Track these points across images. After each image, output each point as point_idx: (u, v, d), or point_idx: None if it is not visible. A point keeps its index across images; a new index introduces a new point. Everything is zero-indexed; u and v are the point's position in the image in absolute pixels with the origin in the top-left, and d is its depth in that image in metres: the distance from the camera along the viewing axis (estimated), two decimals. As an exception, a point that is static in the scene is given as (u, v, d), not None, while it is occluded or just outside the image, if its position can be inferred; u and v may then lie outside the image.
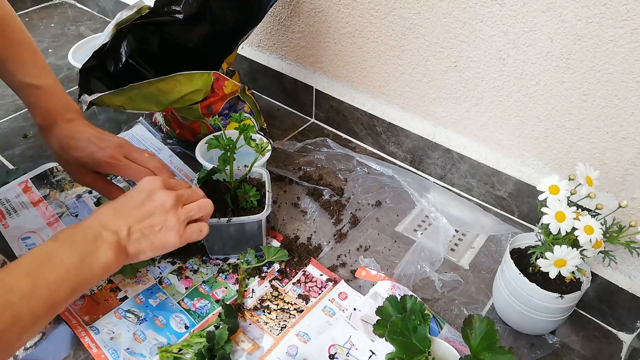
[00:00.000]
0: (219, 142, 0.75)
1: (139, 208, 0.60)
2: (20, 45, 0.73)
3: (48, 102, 0.73)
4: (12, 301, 0.45)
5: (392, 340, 0.58)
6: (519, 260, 0.73)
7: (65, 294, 0.50)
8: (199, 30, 0.98)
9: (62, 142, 0.72)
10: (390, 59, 0.95)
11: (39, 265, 0.49)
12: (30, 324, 0.47)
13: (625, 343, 0.75)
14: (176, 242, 0.62)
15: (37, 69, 0.74)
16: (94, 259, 0.53)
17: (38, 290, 0.47)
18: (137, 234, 0.58)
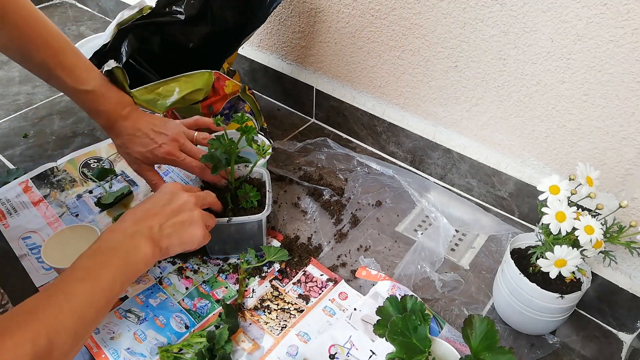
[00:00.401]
0: (220, 142, 0.75)
1: (166, 207, 0.66)
2: (64, 50, 0.75)
3: (103, 104, 0.77)
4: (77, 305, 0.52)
5: (393, 340, 0.58)
6: (519, 260, 0.73)
7: (117, 290, 0.57)
8: (200, 31, 0.98)
9: (125, 140, 0.79)
10: (390, 59, 0.95)
11: (93, 270, 0.55)
12: (94, 319, 0.54)
13: (626, 343, 0.75)
14: (202, 236, 0.67)
15: (85, 70, 0.76)
16: (136, 256, 0.59)
17: (95, 293, 0.54)
18: (168, 230, 0.64)
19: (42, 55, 0.73)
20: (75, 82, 0.75)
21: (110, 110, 0.77)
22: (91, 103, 0.77)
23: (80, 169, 1.01)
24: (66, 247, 0.75)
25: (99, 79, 0.77)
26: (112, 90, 0.78)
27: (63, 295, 0.51)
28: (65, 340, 0.49)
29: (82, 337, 0.52)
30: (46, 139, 1.10)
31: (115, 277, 0.56)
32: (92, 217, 0.91)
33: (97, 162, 1.03)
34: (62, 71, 0.74)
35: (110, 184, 0.98)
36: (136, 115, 0.79)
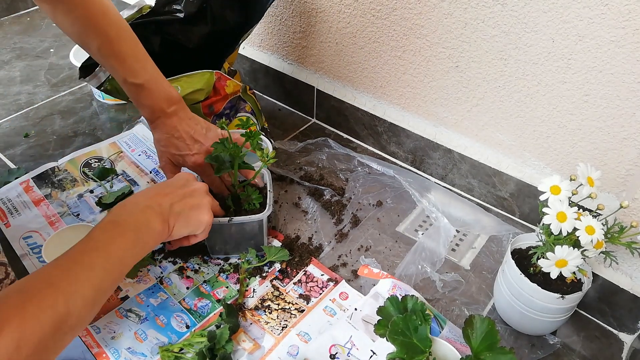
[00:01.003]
0: (224, 146, 0.75)
1: (179, 189, 0.67)
2: (119, 39, 0.74)
3: (150, 99, 0.77)
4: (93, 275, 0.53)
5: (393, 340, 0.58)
6: (520, 260, 0.73)
7: (129, 262, 0.58)
8: (200, 30, 0.98)
9: (162, 137, 0.80)
10: (391, 59, 0.95)
11: (107, 242, 0.57)
12: (109, 288, 0.56)
13: (627, 344, 0.75)
14: (207, 222, 0.68)
15: (137, 62, 0.76)
16: (148, 229, 0.61)
17: (110, 262, 0.55)
18: (177, 209, 0.64)
19: (98, 41, 0.74)
20: (126, 73, 0.75)
21: (155, 106, 0.77)
22: (137, 95, 0.77)
23: (81, 169, 1.01)
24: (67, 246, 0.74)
25: (151, 73, 0.77)
26: (161, 85, 0.78)
27: (79, 265, 0.53)
28: (82, 307, 0.50)
29: (98, 304, 0.54)
30: (47, 139, 1.10)
31: (127, 249, 0.57)
32: (93, 216, 0.91)
33: (98, 161, 1.03)
34: (115, 60, 0.75)
35: (111, 183, 0.98)
36: (180, 115, 0.79)
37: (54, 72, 1.33)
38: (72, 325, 0.50)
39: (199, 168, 0.80)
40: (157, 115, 0.78)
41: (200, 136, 0.79)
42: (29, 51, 1.42)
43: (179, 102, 0.79)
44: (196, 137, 0.79)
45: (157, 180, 0.99)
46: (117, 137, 1.09)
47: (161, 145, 0.80)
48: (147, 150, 1.06)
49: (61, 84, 1.28)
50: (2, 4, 1.58)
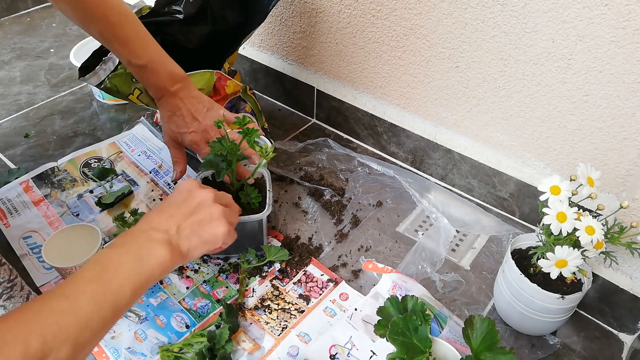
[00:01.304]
0: (222, 145, 0.75)
1: (182, 206, 0.61)
2: (121, 24, 0.76)
3: (154, 78, 0.79)
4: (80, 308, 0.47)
5: (393, 340, 0.58)
6: (520, 260, 0.73)
7: (128, 296, 0.51)
8: (200, 30, 0.98)
9: (165, 114, 0.82)
10: (391, 59, 0.95)
11: (101, 273, 0.51)
12: (100, 328, 0.49)
13: (627, 344, 0.75)
14: (223, 233, 0.62)
15: (139, 45, 0.77)
16: (150, 259, 0.54)
17: (103, 296, 0.49)
18: (186, 231, 0.59)
19: (99, 26, 0.75)
20: (129, 55, 0.77)
21: (159, 85, 0.79)
22: (142, 76, 0.79)
23: (81, 169, 1.01)
24: (67, 246, 0.75)
25: (154, 54, 0.79)
26: (165, 65, 0.79)
27: (66, 297, 0.47)
28: (62, 345, 0.44)
29: (84, 346, 0.47)
30: (47, 139, 1.10)
31: (125, 282, 0.51)
32: (92, 216, 0.91)
33: (98, 161, 1.03)
34: (117, 44, 0.76)
35: (111, 183, 0.98)
36: (183, 94, 0.81)
37: (54, 72, 1.33)
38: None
39: (195, 146, 0.81)
40: (162, 93, 0.80)
41: (199, 114, 0.80)
42: (29, 51, 1.42)
43: (184, 80, 0.81)
44: (196, 115, 0.80)
45: (157, 181, 0.99)
46: (117, 137, 1.09)
47: (164, 121, 0.82)
48: (147, 150, 1.06)
49: (61, 84, 1.28)
50: (2, 4, 1.58)
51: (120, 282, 0.51)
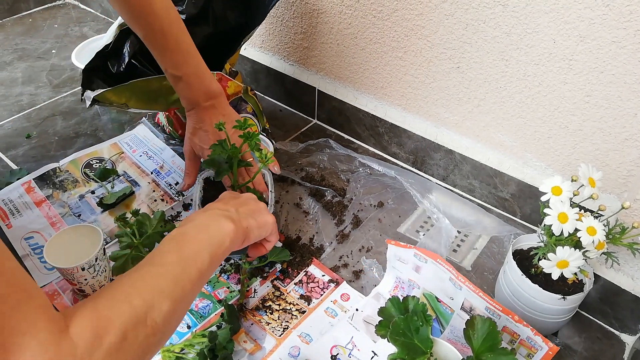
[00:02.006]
0: (223, 147, 0.75)
1: (233, 199, 0.67)
2: (164, 33, 0.76)
3: (188, 91, 0.80)
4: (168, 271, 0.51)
5: (394, 341, 0.58)
6: (522, 261, 0.73)
7: (207, 260, 0.55)
8: (201, 31, 0.98)
9: (191, 126, 0.82)
10: (392, 60, 0.95)
11: (179, 244, 0.55)
12: (189, 288, 0.52)
13: (628, 345, 0.75)
14: (272, 221, 0.68)
15: (179, 56, 0.78)
16: (220, 230, 0.59)
17: (185, 261, 0.53)
18: (244, 213, 0.64)
19: (142, 31, 0.76)
20: (167, 64, 0.78)
21: (192, 99, 0.80)
22: (177, 86, 0.80)
23: (83, 170, 1.01)
24: (68, 247, 0.75)
25: (191, 67, 0.79)
26: (202, 81, 0.80)
27: (154, 265, 0.51)
28: (162, 301, 0.47)
29: (180, 302, 0.50)
30: (49, 140, 1.10)
31: (202, 249, 0.55)
32: (94, 217, 0.91)
33: (99, 162, 1.03)
34: (157, 52, 0.77)
35: (113, 184, 0.98)
36: (215, 110, 0.81)
37: (56, 73, 1.33)
38: (155, 323, 0.46)
39: None
40: (193, 106, 0.81)
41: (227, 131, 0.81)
42: (31, 52, 1.42)
43: (218, 97, 0.81)
44: (221, 134, 0.80)
45: (159, 181, 0.99)
46: (119, 137, 1.09)
47: (189, 132, 0.83)
48: (148, 151, 1.06)
49: (63, 85, 1.28)
50: (4, 5, 1.58)
51: (197, 250, 0.55)
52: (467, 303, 0.69)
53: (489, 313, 0.67)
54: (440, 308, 0.72)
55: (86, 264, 0.72)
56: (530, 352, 0.65)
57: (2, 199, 0.94)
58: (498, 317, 0.66)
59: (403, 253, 0.75)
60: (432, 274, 0.72)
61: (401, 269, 0.77)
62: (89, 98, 0.85)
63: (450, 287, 0.70)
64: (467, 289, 0.68)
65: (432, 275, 0.72)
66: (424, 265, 0.73)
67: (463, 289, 0.68)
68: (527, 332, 0.64)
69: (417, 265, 0.74)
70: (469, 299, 0.68)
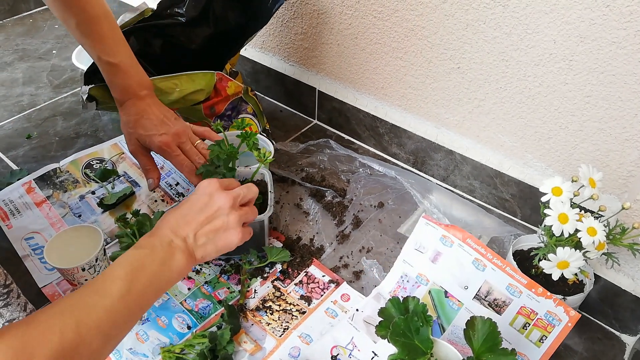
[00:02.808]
0: (221, 148, 0.75)
1: (201, 212, 0.62)
2: (99, 19, 0.76)
3: (123, 79, 0.79)
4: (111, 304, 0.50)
5: (395, 341, 0.58)
6: (522, 262, 0.73)
7: (151, 295, 0.55)
8: (202, 33, 0.98)
9: (132, 118, 0.80)
10: (393, 60, 0.95)
11: (130, 272, 0.54)
12: (127, 323, 0.52)
13: (629, 345, 0.75)
14: (237, 241, 0.64)
15: (114, 43, 0.78)
16: (171, 264, 0.58)
17: (131, 294, 0.52)
18: (202, 239, 0.61)
19: (77, 19, 0.76)
20: (102, 51, 0.77)
21: (128, 87, 0.79)
22: (112, 75, 0.79)
23: (83, 170, 1.01)
24: (69, 247, 0.75)
25: (126, 55, 0.79)
26: (136, 69, 0.80)
27: (97, 293, 0.50)
28: (94, 337, 0.47)
29: (113, 338, 0.51)
30: (49, 140, 1.10)
31: (150, 283, 0.55)
32: (94, 217, 0.91)
33: (100, 163, 1.03)
34: (91, 39, 0.77)
35: (113, 184, 0.98)
36: (151, 100, 0.81)
37: (56, 74, 1.33)
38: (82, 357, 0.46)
39: (166, 148, 0.78)
40: (129, 96, 0.80)
41: (169, 120, 0.81)
42: (32, 53, 1.42)
43: (151, 89, 0.82)
44: (165, 120, 0.80)
45: (159, 182, 0.99)
46: (119, 138, 1.09)
47: (129, 127, 0.80)
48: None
49: (63, 86, 1.28)
50: (5, 5, 1.58)
51: (145, 283, 0.54)
52: (485, 286, 0.69)
53: (509, 292, 0.67)
54: (446, 305, 0.72)
55: (86, 264, 0.72)
56: (544, 334, 0.66)
57: (3, 200, 0.94)
58: (519, 295, 0.66)
59: (427, 238, 0.76)
60: (452, 260, 0.73)
61: (413, 262, 0.77)
62: (84, 93, 0.86)
63: (469, 273, 0.71)
64: (490, 269, 0.68)
65: (452, 262, 0.73)
66: (446, 252, 0.73)
67: (486, 270, 0.69)
68: (548, 306, 0.65)
69: (438, 251, 0.74)
70: (489, 281, 0.69)
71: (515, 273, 0.67)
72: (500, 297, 0.69)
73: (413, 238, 0.78)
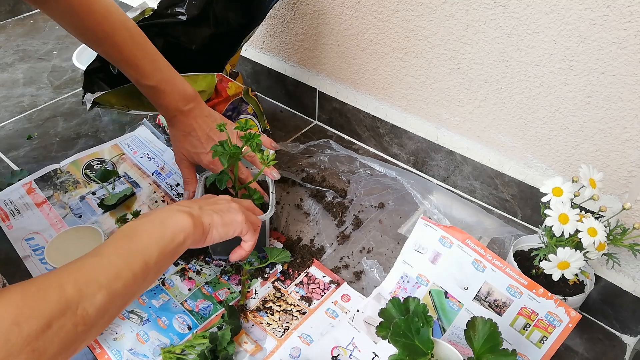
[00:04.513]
0: (224, 149, 0.75)
1: (204, 199, 0.68)
2: (127, 44, 0.74)
3: (165, 99, 0.78)
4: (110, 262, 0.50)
5: (395, 342, 0.58)
6: (522, 262, 0.73)
7: (155, 255, 0.54)
8: (202, 32, 0.99)
9: (179, 134, 0.81)
10: (393, 61, 0.95)
11: (127, 236, 0.54)
12: (132, 281, 0.51)
13: (629, 346, 0.75)
14: (242, 220, 0.66)
15: (148, 64, 0.76)
16: (173, 224, 0.58)
17: (130, 253, 0.53)
18: (208, 210, 0.63)
19: (104, 47, 0.74)
20: (137, 75, 0.76)
21: (170, 105, 0.79)
22: (153, 96, 0.78)
23: (84, 171, 1.01)
24: (69, 248, 0.75)
25: (163, 73, 0.77)
26: (176, 85, 0.78)
27: (96, 255, 0.51)
28: (96, 292, 0.47)
29: (119, 295, 0.49)
30: (50, 141, 1.11)
31: (150, 243, 0.55)
32: (95, 218, 0.91)
33: (100, 163, 1.03)
34: (124, 65, 0.75)
35: (113, 185, 0.98)
36: (196, 113, 0.80)
37: (57, 74, 1.33)
38: (86, 313, 0.45)
39: (213, 166, 0.81)
40: (174, 113, 0.79)
41: (215, 134, 0.80)
42: (32, 53, 1.43)
43: (195, 99, 0.80)
44: (211, 134, 0.80)
45: (159, 182, 0.99)
46: (119, 139, 1.09)
47: (177, 142, 0.81)
48: (149, 152, 1.06)
49: (64, 86, 1.29)
50: (6, 6, 1.58)
51: (145, 243, 0.54)
52: (486, 287, 0.69)
53: (510, 292, 0.67)
54: (446, 305, 0.72)
55: None
56: (544, 335, 0.65)
57: (3, 200, 0.94)
58: (519, 295, 0.66)
59: (426, 239, 0.76)
60: (451, 261, 0.73)
61: (413, 263, 0.77)
62: (89, 101, 0.85)
63: (468, 274, 0.70)
64: (490, 270, 0.68)
65: (451, 263, 0.73)
66: (446, 252, 0.73)
67: (486, 271, 0.69)
68: (548, 307, 0.65)
69: (438, 252, 0.74)
70: (489, 282, 0.69)
71: (516, 274, 0.67)
72: (501, 298, 0.69)
73: (412, 239, 0.78)
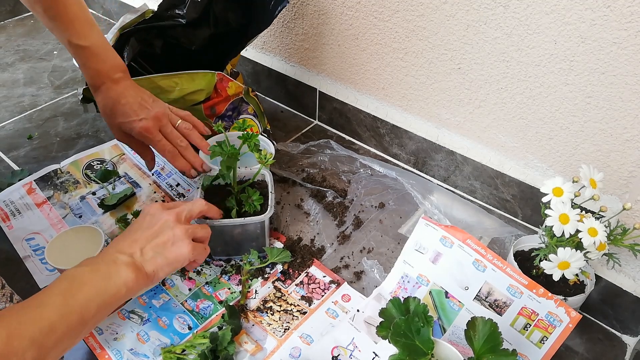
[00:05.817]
0: (222, 149, 0.75)
1: (146, 230, 0.64)
2: (67, 1, 0.74)
3: (96, 63, 0.76)
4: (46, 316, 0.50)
5: (395, 342, 0.58)
6: (523, 262, 0.73)
7: (93, 310, 0.55)
8: (202, 34, 0.99)
9: (108, 104, 0.77)
10: (393, 61, 0.95)
11: (69, 287, 0.54)
12: (66, 335, 0.52)
13: (630, 346, 0.75)
14: (188, 252, 0.64)
15: (84, 26, 0.75)
16: (116, 278, 0.58)
17: (69, 307, 0.52)
18: (150, 253, 0.62)
19: (44, 3, 0.73)
20: (72, 35, 0.74)
21: (102, 70, 0.76)
22: (84, 58, 0.76)
23: (84, 171, 1.01)
24: (69, 248, 0.75)
25: (98, 38, 0.76)
26: (109, 51, 0.77)
27: (33, 307, 0.50)
28: (27, 349, 0.47)
29: (52, 350, 0.50)
30: (50, 141, 1.11)
31: (91, 297, 0.55)
32: (95, 218, 0.91)
33: (101, 163, 1.03)
34: (61, 22, 0.74)
35: (114, 185, 0.98)
36: (127, 83, 0.78)
37: (57, 75, 1.33)
38: None
39: (147, 134, 0.77)
40: (103, 80, 0.77)
41: (147, 103, 0.78)
42: (33, 53, 1.43)
43: (126, 72, 0.79)
44: (143, 103, 0.77)
45: (159, 183, 0.99)
46: (120, 139, 1.09)
47: (107, 114, 0.78)
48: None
49: (64, 86, 1.29)
50: (6, 6, 1.58)
51: (86, 297, 0.54)
52: (486, 287, 0.69)
53: (510, 292, 0.67)
54: (446, 305, 0.72)
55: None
56: (544, 335, 0.65)
57: (3, 200, 0.94)
58: (520, 295, 0.66)
59: (427, 239, 0.76)
60: (452, 261, 0.73)
61: (413, 263, 0.77)
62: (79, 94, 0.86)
63: (469, 274, 0.70)
64: (491, 270, 0.68)
65: (452, 263, 0.73)
66: (447, 252, 0.73)
67: (487, 271, 0.69)
68: (549, 307, 0.65)
69: (438, 252, 0.74)
70: (490, 282, 0.68)
71: (516, 274, 0.67)
72: (501, 298, 0.69)
73: (413, 239, 0.78)
